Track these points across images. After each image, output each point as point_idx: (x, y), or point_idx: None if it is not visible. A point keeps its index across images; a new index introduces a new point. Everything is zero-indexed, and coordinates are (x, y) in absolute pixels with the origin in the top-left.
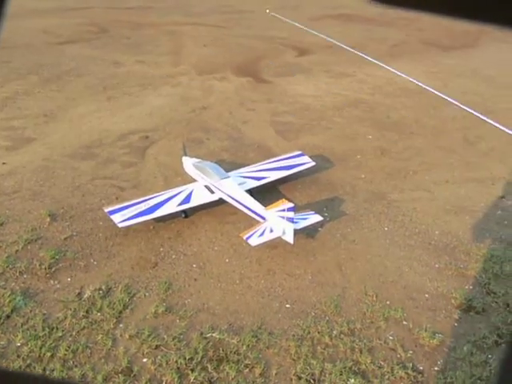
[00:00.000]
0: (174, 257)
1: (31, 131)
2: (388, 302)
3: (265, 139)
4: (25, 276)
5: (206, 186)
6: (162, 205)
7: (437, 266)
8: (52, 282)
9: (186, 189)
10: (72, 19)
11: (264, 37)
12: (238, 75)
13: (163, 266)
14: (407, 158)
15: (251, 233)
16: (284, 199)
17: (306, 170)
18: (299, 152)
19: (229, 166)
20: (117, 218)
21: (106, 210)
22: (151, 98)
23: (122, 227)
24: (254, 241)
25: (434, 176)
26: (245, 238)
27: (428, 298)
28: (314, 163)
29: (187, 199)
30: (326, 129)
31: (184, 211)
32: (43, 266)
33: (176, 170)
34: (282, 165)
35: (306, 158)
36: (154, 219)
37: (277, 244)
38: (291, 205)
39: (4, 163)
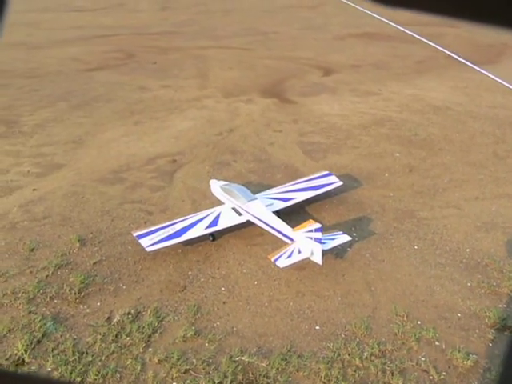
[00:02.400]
0: (202, 280)
1: (60, 157)
2: (419, 322)
3: (292, 160)
4: (55, 301)
5: (234, 209)
6: (190, 228)
7: (469, 284)
8: (82, 306)
9: (213, 212)
10: (99, 46)
11: (289, 57)
12: (264, 96)
13: (192, 290)
14: (436, 174)
15: (279, 255)
16: (311, 220)
17: (334, 189)
18: (327, 172)
19: (256, 187)
20: (145, 242)
21: (135, 235)
22: (178, 121)
23: (150, 251)
24: (282, 262)
25: (464, 192)
26: (273, 260)
27: (460, 317)
28: (341, 183)
29: (214, 222)
30: (353, 148)
31: (211, 234)
32: (73, 291)
33: (204, 193)
34: (310, 185)
35: (333, 178)
36: (182, 243)
37: (305, 265)
38: (319, 225)
39: (34, 189)
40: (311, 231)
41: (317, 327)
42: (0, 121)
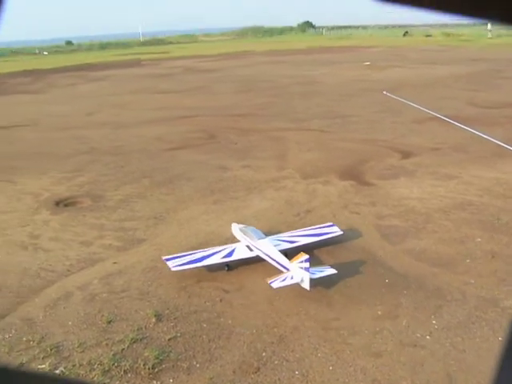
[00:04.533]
0: (276, 362)
1: (142, 232)
2: None
3: (369, 243)
4: (129, 375)
5: (247, 246)
6: (209, 257)
7: None
8: (155, 382)
9: (230, 247)
10: (182, 127)
11: (367, 140)
12: (342, 178)
13: (265, 372)
14: None
15: (275, 279)
16: (302, 252)
17: (413, 272)
18: (330, 223)
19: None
20: (171, 264)
21: (163, 258)
22: (256, 201)
23: (174, 270)
24: (276, 284)
25: None
26: (269, 282)
27: None
28: (341, 232)
29: (229, 254)
30: (433, 232)
31: (227, 264)
32: (147, 366)
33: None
34: (313, 233)
35: (335, 228)
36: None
37: (382, 352)
38: (307, 256)
39: (115, 263)
40: (302, 262)
41: None
42: (86, 194)
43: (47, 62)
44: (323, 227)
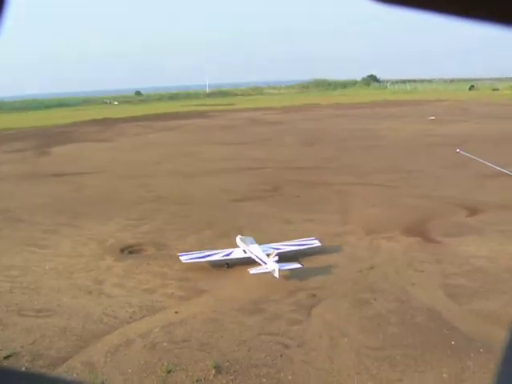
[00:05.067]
0: None
1: (204, 283)
2: None
3: (434, 303)
4: None
5: (243, 250)
6: (213, 255)
7: None
8: None
9: (230, 250)
10: (247, 178)
11: (432, 196)
12: (406, 235)
13: None
14: None
15: (255, 269)
16: (275, 251)
17: (480, 335)
18: (313, 238)
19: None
20: (183, 258)
21: (179, 254)
22: (318, 255)
23: (183, 261)
24: (254, 271)
25: None
26: (250, 272)
27: None
28: (319, 244)
29: (228, 254)
30: (502, 293)
31: (227, 263)
32: None
33: (342, 331)
34: (295, 243)
35: (315, 242)
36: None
37: None
38: (276, 252)
39: (176, 312)
40: (274, 257)
41: None
42: (151, 243)
43: (116, 112)
44: (305, 240)
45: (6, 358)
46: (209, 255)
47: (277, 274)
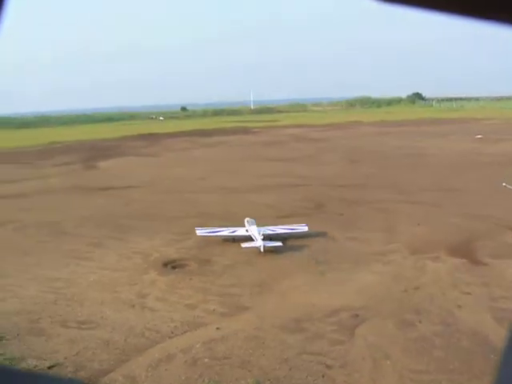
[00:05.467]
0: None
1: (246, 300)
2: None
3: (481, 326)
4: None
5: (246, 230)
6: (221, 231)
7: None
8: None
9: (236, 228)
10: (291, 195)
11: (479, 216)
12: (452, 255)
13: None
14: None
15: (247, 244)
16: (263, 233)
17: None
18: (304, 224)
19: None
20: (198, 232)
21: (196, 228)
22: (362, 274)
23: (198, 234)
24: (245, 245)
25: None
26: (243, 246)
27: None
28: (307, 229)
29: (234, 232)
30: None
31: (233, 238)
32: None
33: (386, 353)
34: (287, 227)
35: (305, 227)
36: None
37: None
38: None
39: (218, 328)
40: (262, 237)
41: None
42: (193, 258)
43: (162, 127)
44: (296, 225)
45: (49, 368)
46: (219, 231)
47: (262, 249)
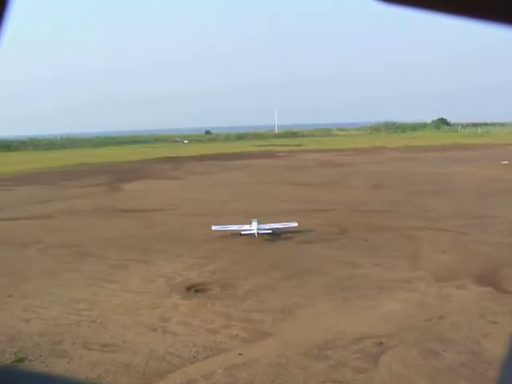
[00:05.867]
0: None
1: (269, 325)
2: None
3: None
4: None
5: (250, 226)
6: (232, 227)
7: None
8: None
9: (243, 225)
10: (315, 220)
11: (505, 244)
12: (478, 284)
13: None
14: None
15: (245, 231)
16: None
17: None
18: (294, 222)
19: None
20: (214, 227)
21: (212, 225)
22: (387, 302)
23: (213, 229)
24: (243, 232)
25: None
26: (241, 232)
27: None
28: (296, 225)
29: (241, 228)
30: None
31: (240, 233)
32: None
33: (410, 382)
34: (280, 223)
35: (295, 224)
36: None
37: None
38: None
39: (240, 354)
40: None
41: None
42: (217, 282)
43: (186, 150)
44: (287, 223)
45: None
46: (229, 227)
47: (256, 235)
